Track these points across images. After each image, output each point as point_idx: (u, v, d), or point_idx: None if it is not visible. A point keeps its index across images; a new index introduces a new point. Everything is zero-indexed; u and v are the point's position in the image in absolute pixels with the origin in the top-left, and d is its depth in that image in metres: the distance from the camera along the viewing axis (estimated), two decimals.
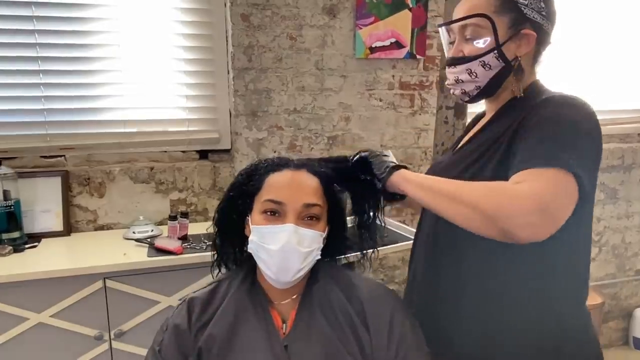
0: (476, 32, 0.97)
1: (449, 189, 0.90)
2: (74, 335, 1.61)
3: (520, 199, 0.81)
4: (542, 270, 0.96)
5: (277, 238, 0.92)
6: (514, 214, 0.81)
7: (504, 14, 0.96)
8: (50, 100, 1.94)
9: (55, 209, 1.91)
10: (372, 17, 2.14)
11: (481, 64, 0.97)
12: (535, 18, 0.97)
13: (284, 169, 0.98)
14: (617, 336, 2.91)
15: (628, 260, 2.86)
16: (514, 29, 0.96)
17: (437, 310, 1.07)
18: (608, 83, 2.67)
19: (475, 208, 0.84)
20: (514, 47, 0.97)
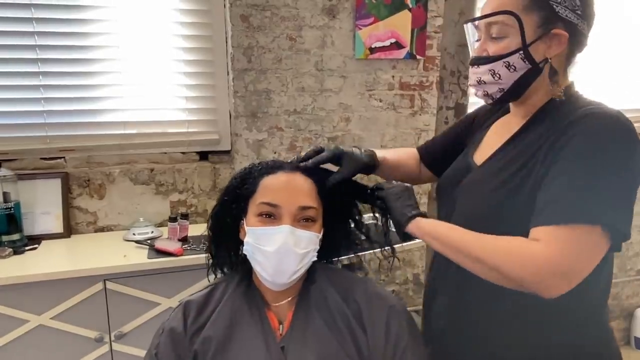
0: (502, 30, 0.89)
1: (467, 247, 0.86)
2: (75, 337, 1.61)
3: (540, 265, 0.78)
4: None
5: (273, 240, 0.92)
6: (537, 279, 0.78)
7: (533, 12, 0.87)
8: (50, 102, 1.93)
9: (55, 211, 1.91)
10: (371, 18, 2.14)
11: (505, 64, 0.90)
12: (569, 17, 0.88)
13: (278, 172, 0.98)
14: (619, 336, 2.90)
15: (629, 260, 2.86)
16: (544, 28, 0.88)
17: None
18: (609, 83, 2.67)
19: (498, 271, 0.82)
20: (543, 47, 0.89)
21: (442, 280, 1.07)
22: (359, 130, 2.24)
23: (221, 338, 0.94)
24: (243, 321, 0.96)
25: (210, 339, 0.94)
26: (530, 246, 0.80)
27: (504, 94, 0.93)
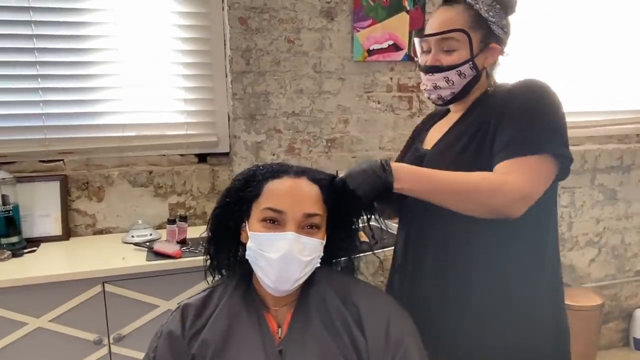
0: (453, 44, 1.09)
1: (446, 182, 1.00)
2: (73, 340, 1.60)
3: (513, 190, 0.97)
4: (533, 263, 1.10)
5: (277, 246, 0.91)
6: (506, 203, 0.97)
7: (476, 30, 1.08)
8: (49, 104, 1.94)
9: (54, 214, 1.91)
10: (369, 20, 2.14)
11: (457, 73, 1.10)
12: (499, 34, 1.11)
13: (284, 176, 0.96)
14: (618, 337, 2.90)
15: (628, 261, 2.86)
16: (484, 43, 1.10)
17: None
18: (607, 84, 2.68)
19: (473, 201, 0.98)
20: (482, 58, 1.11)
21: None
22: (357, 132, 2.24)
23: (219, 341, 0.94)
24: (241, 324, 0.96)
25: (208, 342, 0.94)
26: (502, 179, 0.98)
27: (454, 96, 1.14)
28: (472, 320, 1.09)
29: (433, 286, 1.13)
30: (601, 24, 2.59)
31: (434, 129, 1.24)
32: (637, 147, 2.73)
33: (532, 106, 1.03)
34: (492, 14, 1.09)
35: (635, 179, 2.76)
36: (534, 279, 1.10)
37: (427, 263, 1.14)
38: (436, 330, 1.11)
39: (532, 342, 1.08)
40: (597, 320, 2.52)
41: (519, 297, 1.08)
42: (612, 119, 2.72)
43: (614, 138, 2.75)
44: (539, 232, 1.11)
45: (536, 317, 1.09)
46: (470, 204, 0.99)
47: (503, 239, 1.07)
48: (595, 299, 2.52)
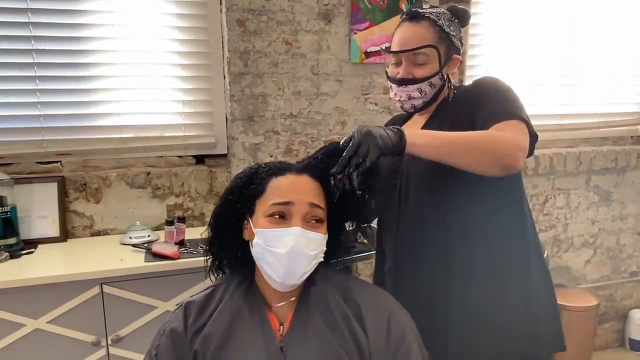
0: (425, 58, 1.19)
1: (461, 137, 1.06)
2: (71, 341, 1.60)
3: (512, 141, 1.07)
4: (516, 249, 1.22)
5: (284, 241, 0.92)
6: (512, 151, 1.06)
7: (442, 44, 1.19)
8: (47, 106, 1.94)
9: (52, 215, 1.91)
10: (367, 22, 2.16)
11: (429, 84, 1.21)
12: (458, 45, 1.24)
13: (287, 173, 0.99)
14: (613, 338, 2.92)
15: (623, 262, 2.88)
16: (447, 55, 1.21)
17: None
18: (602, 87, 2.70)
19: (489, 152, 1.05)
20: (447, 68, 1.23)
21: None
22: None
23: (221, 338, 0.95)
24: (243, 321, 0.96)
25: (210, 338, 0.95)
26: (502, 133, 1.08)
27: (425, 104, 1.24)
28: (473, 316, 1.18)
29: (435, 286, 1.21)
30: (596, 27, 2.61)
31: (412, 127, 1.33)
32: (631, 149, 2.75)
33: (498, 89, 1.19)
34: (452, 28, 1.21)
35: (630, 180, 2.78)
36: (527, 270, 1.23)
37: (426, 263, 1.21)
38: (442, 328, 1.20)
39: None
40: (593, 320, 2.54)
41: (516, 286, 1.20)
42: (606, 121, 2.74)
43: (609, 140, 2.78)
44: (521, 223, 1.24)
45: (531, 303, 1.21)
46: (485, 155, 1.05)
47: (501, 232, 1.20)
48: (590, 300, 2.54)
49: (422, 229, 1.22)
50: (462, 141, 1.06)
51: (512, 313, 1.18)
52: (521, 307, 1.19)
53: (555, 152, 2.60)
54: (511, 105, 1.14)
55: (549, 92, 2.61)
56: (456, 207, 1.19)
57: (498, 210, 1.20)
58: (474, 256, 1.18)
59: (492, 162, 1.05)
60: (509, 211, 1.22)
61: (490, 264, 1.18)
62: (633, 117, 2.80)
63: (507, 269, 1.19)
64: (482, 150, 1.05)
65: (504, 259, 1.19)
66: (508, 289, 1.19)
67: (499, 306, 1.18)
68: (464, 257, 1.18)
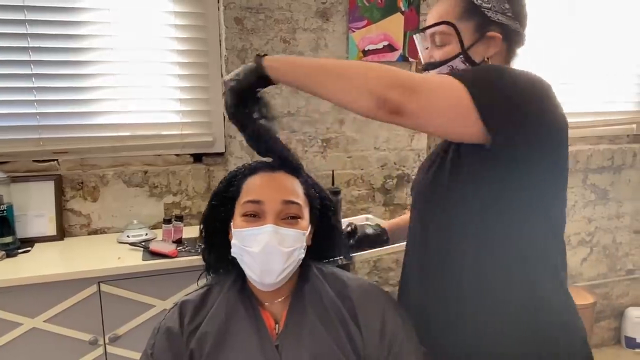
0: (443, 38, 1.02)
1: (329, 65, 0.91)
2: (68, 340, 1.60)
3: (399, 71, 0.87)
4: (514, 258, 0.98)
5: (257, 240, 0.92)
6: (384, 83, 0.85)
7: (468, 20, 1.00)
8: (43, 104, 1.93)
9: (49, 214, 1.90)
10: (364, 21, 2.16)
11: (450, 68, 1.02)
12: (500, 20, 1.01)
13: (261, 172, 0.99)
14: (609, 335, 2.93)
15: (619, 260, 2.89)
16: (479, 32, 1.00)
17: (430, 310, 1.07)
18: (598, 86, 2.71)
19: (353, 78, 0.87)
20: (482, 49, 1.01)
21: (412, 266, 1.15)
22: (352, 133, 2.25)
23: (216, 337, 0.94)
24: (238, 320, 0.96)
25: (206, 337, 0.95)
26: (385, 66, 0.88)
27: None
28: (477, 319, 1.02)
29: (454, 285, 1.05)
30: (593, 26, 2.62)
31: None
32: (627, 148, 2.76)
33: (486, 67, 0.99)
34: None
35: (626, 178, 2.79)
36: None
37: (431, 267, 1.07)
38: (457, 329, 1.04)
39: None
40: (590, 318, 2.55)
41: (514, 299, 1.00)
42: (603, 119, 2.75)
43: (605, 139, 2.79)
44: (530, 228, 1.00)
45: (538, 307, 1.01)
46: (351, 82, 0.87)
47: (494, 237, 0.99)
48: (587, 298, 2.55)
49: (415, 243, 1.13)
50: (331, 66, 0.90)
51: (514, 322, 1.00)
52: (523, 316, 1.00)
53: None
54: (475, 74, 0.92)
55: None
56: (439, 226, 1.04)
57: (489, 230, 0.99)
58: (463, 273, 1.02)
59: (360, 93, 0.86)
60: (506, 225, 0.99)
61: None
62: (629, 116, 2.81)
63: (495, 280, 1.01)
64: (349, 76, 0.88)
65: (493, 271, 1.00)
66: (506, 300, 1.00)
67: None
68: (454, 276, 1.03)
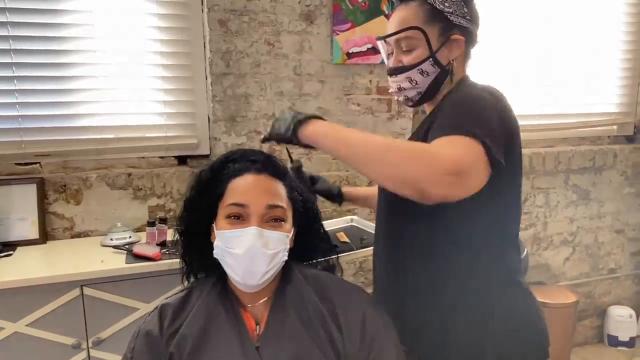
0: (411, 43, 1.06)
1: (370, 148, 0.91)
2: (51, 345, 1.58)
3: (438, 159, 0.85)
4: (471, 261, 1.05)
5: (241, 242, 0.92)
6: (432, 173, 0.84)
7: (433, 24, 1.05)
8: (25, 106, 1.91)
9: (31, 217, 1.89)
10: (348, 23, 2.17)
11: (419, 71, 1.06)
12: (462, 23, 1.06)
13: (245, 173, 0.98)
14: (592, 334, 2.98)
15: (601, 260, 2.94)
16: (444, 36, 1.05)
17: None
18: (580, 88, 2.76)
19: (398, 168, 0.87)
20: (446, 52, 1.06)
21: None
22: None
23: (196, 339, 0.94)
24: (219, 322, 0.96)
25: (185, 340, 0.94)
26: (434, 148, 0.90)
27: (422, 96, 1.10)
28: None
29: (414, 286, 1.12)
30: (574, 29, 2.66)
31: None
32: (608, 149, 2.81)
33: (468, 99, 0.99)
34: (447, 4, 1.04)
35: (607, 179, 2.84)
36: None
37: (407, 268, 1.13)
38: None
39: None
40: (572, 317, 2.59)
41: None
42: (584, 121, 2.80)
43: (587, 140, 2.83)
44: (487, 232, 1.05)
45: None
46: (394, 170, 0.87)
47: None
48: (570, 297, 2.58)
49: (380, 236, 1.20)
50: (372, 146, 0.90)
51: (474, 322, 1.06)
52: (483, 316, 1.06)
53: (534, 152, 2.64)
54: (470, 118, 0.93)
55: (528, 92, 2.65)
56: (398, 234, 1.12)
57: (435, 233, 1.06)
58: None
59: (402, 182, 0.87)
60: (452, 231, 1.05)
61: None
62: (610, 118, 2.87)
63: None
64: (392, 164, 0.87)
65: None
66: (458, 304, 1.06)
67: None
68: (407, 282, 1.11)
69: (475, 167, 0.89)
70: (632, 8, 2.78)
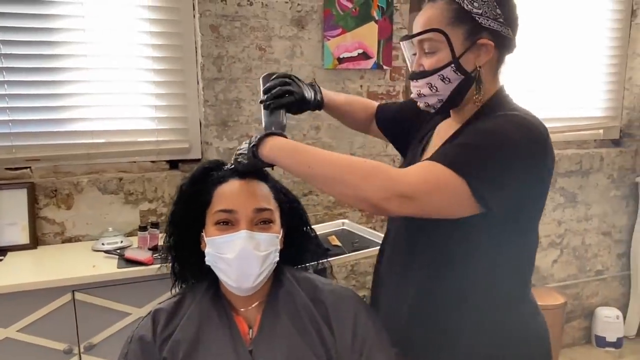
0: (433, 46, 0.97)
1: (329, 168, 0.92)
2: (43, 350, 1.58)
3: (392, 181, 0.86)
4: (488, 270, 1.01)
5: (232, 246, 0.93)
6: (383, 192, 0.86)
7: (458, 26, 0.95)
8: (16, 111, 1.91)
9: (21, 222, 1.88)
10: (339, 29, 2.19)
11: (440, 77, 0.97)
12: (492, 26, 0.95)
13: (231, 179, 1.00)
14: (580, 335, 3.02)
15: (588, 262, 2.98)
16: (470, 39, 0.95)
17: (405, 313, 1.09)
18: (567, 93, 2.80)
19: (356, 189, 0.88)
20: (472, 57, 0.96)
21: (387, 269, 1.16)
22: (328, 139, 2.28)
23: (189, 344, 0.95)
24: (211, 327, 0.97)
25: (178, 345, 0.95)
26: (399, 170, 0.90)
27: (443, 104, 1.01)
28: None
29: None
30: (562, 36, 2.71)
31: (435, 135, 1.13)
32: (594, 152, 2.86)
33: (486, 131, 0.92)
34: (477, 4, 0.94)
35: (594, 182, 2.89)
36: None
37: (413, 271, 1.09)
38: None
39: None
40: (561, 318, 2.63)
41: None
42: (571, 125, 2.85)
43: (573, 144, 2.88)
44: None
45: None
46: (347, 188, 0.89)
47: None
48: (558, 298, 2.62)
49: (397, 243, 1.15)
50: (331, 167, 0.91)
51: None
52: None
53: None
54: (475, 155, 0.88)
55: (516, 97, 2.68)
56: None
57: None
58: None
59: (361, 200, 0.89)
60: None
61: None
62: (596, 122, 2.92)
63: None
64: (351, 184, 0.88)
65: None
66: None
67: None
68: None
69: (436, 196, 0.86)
70: (618, 15, 2.83)
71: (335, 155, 0.94)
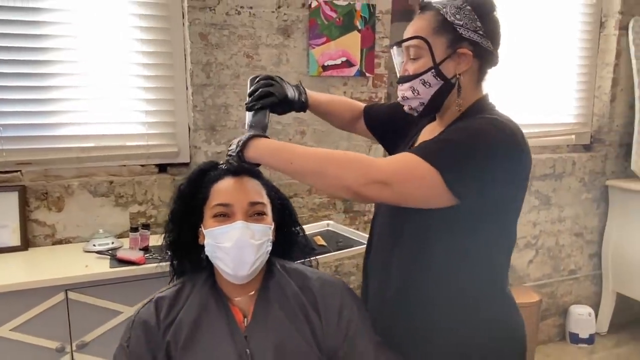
0: (417, 52, 1.06)
1: (310, 162, 1.01)
2: (35, 349, 1.61)
3: (370, 167, 0.96)
4: (460, 265, 1.07)
5: (229, 236, 1.02)
6: (362, 178, 0.95)
7: (441, 35, 1.04)
8: (6, 115, 1.94)
9: (12, 224, 1.90)
10: (324, 38, 2.28)
11: (421, 82, 1.06)
12: (472, 37, 1.04)
13: (225, 177, 1.09)
14: (555, 332, 3.13)
15: (562, 261, 3.10)
16: (451, 48, 1.04)
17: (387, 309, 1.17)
18: (541, 100, 2.92)
19: (337, 179, 0.98)
20: (453, 65, 1.05)
21: (374, 263, 1.24)
22: (313, 143, 2.35)
23: (190, 328, 1.03)
24: (210, 314, 1.05)
25: (181, 329, 1.03)
26: (377, 159, 0.99)
27: (424, 107, 1.09)
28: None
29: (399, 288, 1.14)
30: (536, 44, 2.83)
31: (422, 135, 1.20)
32: (567, 157, 2.99)
33: (463, 128, 1.01)
34: (459, 16, 1.03)
35: (567, 185, 3.01)
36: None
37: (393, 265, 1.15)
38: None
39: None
40: (536, 316, 2.73)
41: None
42: (545, 131, 2.97)
43: (548, 149, 3.01)
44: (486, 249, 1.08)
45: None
46: (328, 178, 0.99)
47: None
48: (533, 297, 2.73)
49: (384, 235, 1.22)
50: (312, 160, 1.01)
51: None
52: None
53: None
54: (449, 149, 0.97)
55: (497, 105, 2.79)
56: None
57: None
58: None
59: (341, 188, 0.98)
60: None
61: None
62: (569, 128, 3.05)
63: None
64: (332, 175, 0.98)
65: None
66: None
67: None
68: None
69: (411, 184, 0.96)
70: (588, 26, 2.97)
71: (314, 149, 1.05)
